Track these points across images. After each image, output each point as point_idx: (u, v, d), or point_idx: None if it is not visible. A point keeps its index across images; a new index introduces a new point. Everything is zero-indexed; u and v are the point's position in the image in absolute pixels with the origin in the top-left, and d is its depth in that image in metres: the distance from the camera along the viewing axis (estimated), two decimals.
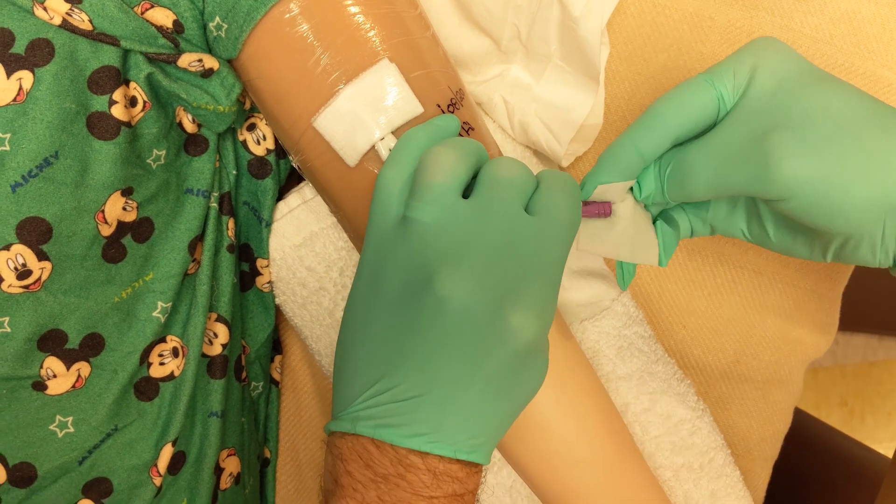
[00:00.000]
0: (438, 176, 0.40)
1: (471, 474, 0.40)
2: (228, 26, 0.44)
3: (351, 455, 0.39)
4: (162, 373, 0.51)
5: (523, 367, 0.39)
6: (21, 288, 0.44)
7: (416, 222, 0.39)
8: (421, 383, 0.38)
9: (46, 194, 0.43)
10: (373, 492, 0.39)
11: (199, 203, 0.50)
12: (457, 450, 0.38)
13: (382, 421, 0.38)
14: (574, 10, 0.51)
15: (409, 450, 0.38)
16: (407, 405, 0.38)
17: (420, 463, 0.38)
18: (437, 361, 0.38)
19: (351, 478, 0.39)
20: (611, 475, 0.50)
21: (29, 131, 0.42)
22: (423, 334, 0.38)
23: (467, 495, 0.40)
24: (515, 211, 0.40)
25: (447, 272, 0.38)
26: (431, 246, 0.39)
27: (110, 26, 0.42)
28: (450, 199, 0.40)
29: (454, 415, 0.38)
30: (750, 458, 0.64)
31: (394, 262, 0.40)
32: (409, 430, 0.38)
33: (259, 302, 0.59)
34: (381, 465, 0.38)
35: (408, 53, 0.45)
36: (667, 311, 0.63)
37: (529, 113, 0.55)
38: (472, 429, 0.38)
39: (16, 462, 0.47)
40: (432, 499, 0.39)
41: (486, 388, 0.38)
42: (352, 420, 0.39)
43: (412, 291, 0.39)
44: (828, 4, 0.58)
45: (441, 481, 0.38)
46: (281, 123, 0.47)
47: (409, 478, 0.38)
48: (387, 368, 0.39)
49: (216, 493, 0.55)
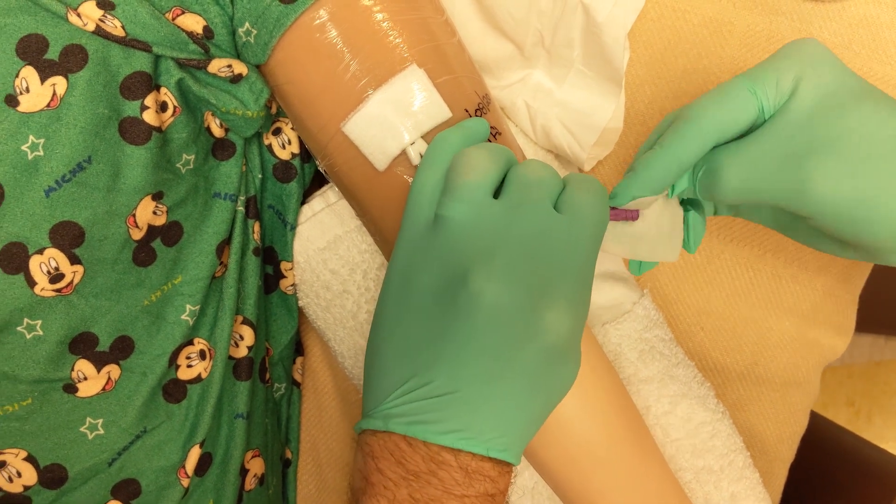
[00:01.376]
0: (470, 175, 0.40)
1: (502, 474, 0.39)
2: (258, 32, 0.45)
3: (382, 453, 0.39)
4: (189, 375, 0.51)
5: (556, 364, 0.39)
6: (54, 291, 0.44)
7: (448, 220, 0.40)
8: (453, 380, 0.38)
9: (79, 199, 0.43)
10: (404, 490, 0.38)
11: (227, 207, 0.51)
12: (489, 448, 0.38)
13: (415, 418, 0.38)
14: (598, 15, 0.51)
15: (441, 447, 0.38)
16: (439, 402, 0.38)
17: (452, 460, 0.38)
18: (470, 358, 0.38)
19: (382, 475, 0.39)
20: (633, 477, 0.50)
21: (63, 136, 0.42)
22: (455, 331, 0.38)
23: (498, 496, 0.40)
24: (545, 209, 0.40)
25: (480, 268, 0.38)
26: (463, 243, 0.39)
27: (142, 32, 0.43)
28: (481, 197, 0.40)
29: (487, 412, 0.38)
30: (767, 460, 0.65)
31: (425, 261, 0.40)
32: (441, 427, 0.38)
33: (283, 304, 0.59)
34: (412, 463, 0.38)
35: (435, 59, 0.46)
36: (685, 313, 0.64)
37: (552, 117, 0.56)
38: (504, 427, 0.38)
39: (47, 464, 0.47)
40: (464, 497, 0.38)
41: (519, 385, 0.38)
42: (383, 418, 0.39)
43: (444, 288, 0.39)
44: (846, 9, 0.59)
45: (473, 479, 0.38)
46: (309, 128, 0.48)
47: (441, 475, 0.38)
48: (419, 366, 0.39)
49: (241, 495, 0.55)
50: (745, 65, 0.60)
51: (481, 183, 0.40)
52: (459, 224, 0.40)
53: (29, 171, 0.42)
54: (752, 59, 0.60)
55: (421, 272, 0.40)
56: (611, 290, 0.58)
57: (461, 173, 0.41)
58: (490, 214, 0.40)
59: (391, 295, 0.42)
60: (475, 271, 0.38)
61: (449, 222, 0.40)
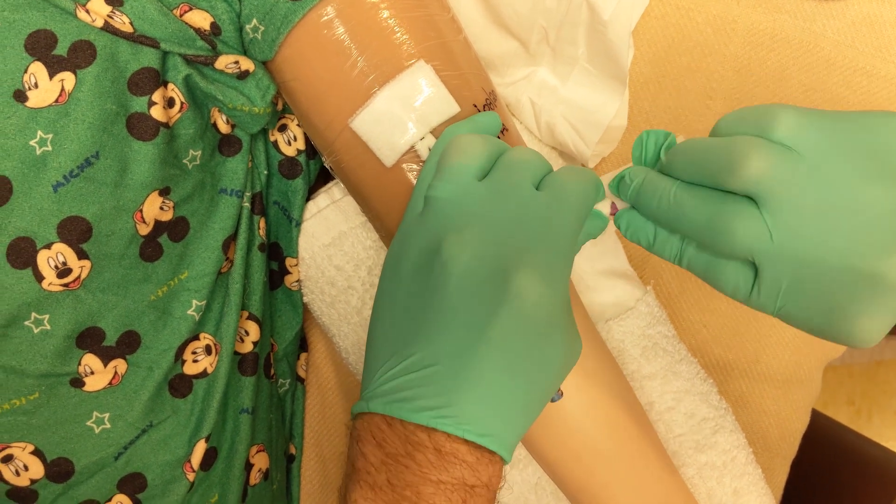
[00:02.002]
0: (458, 157, 0.41)
1: (482, 462, 0.37)
2: (265, 28, 0.45)
3: (366, 435, 0.38)
4: (195, 370, 0.51)
5: (534, 339, 0.37)
6: (61, 286, 0.44)
7: (434, 199, 0.40)
8: (429, 354, 0.36)
9: (87, 194, 0.43)
10: (383, 474, 0.37)
11: (233, 203, 0.51)
12: (466, 430, 0.36)
13: (393, 396, 0.37)
14: (603, 13, 0.51)
15: (416, 426, 0.36)
16: (416, 378, 0.36)
17: (427, 440, 0.36)
18: (443, 328, 0.36)
19: (365, 460, 0.38)
20: (637, 472, 0.51)
21: (71, 132, 0.42)
22: (431, 303, 0.37)
23: (479, 488, 0.37)
24: (525, 187, 0.40)
25: (452, 237, 0.38)
26: (444, 219, 0.39)
27: (151, 28, 0.43)
28: (466, 178, 0.40)
29: (463, 390, 0.36)
30: (769, 457, 0.65)
31: (413, 242, 0.40)
32: (417, 405, 0.36)
33: (287, 300, 0.60)
34: (391, 444, 0.37)
35: (442, 55, 0.46)
36: (688, 310, 0.64)
37: (556, 114, 0.56)
38: (487, 409, 0.36)
39: (54, 457, 0.48)
40: (440, 484, 0.36)
41: (493, 360, 0.36)
42: (368, 399, 0.38)
43: (424, 263, 0.38)
44: (850, 8, 0.59)
45: (447, 462, 0.36)
46: (315, 125, 0.48)
47: (417, 457, 0.36)
48: (401, 343, 0.38)
49: (246, 489, 0.56)
50: (748, 63, 0.60)
51: (468, 165, 0.40)
52: (444, 202, 0.40)
53: (37, 167, 0.42)
54: (755, 58, 0.60)
55: (408, 252, 0.40)
56: (614, 287, 0.58)
57: (451, 156, 0.41)
58: (472, 193, 0.40)
59: (383, 280, 0.41)
60: (448, 240, 0.38)
61: (434, 201, 0.40)
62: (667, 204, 0.39)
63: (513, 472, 0.57)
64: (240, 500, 0.55)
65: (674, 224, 0.39)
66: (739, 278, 0.38)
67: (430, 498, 0.36)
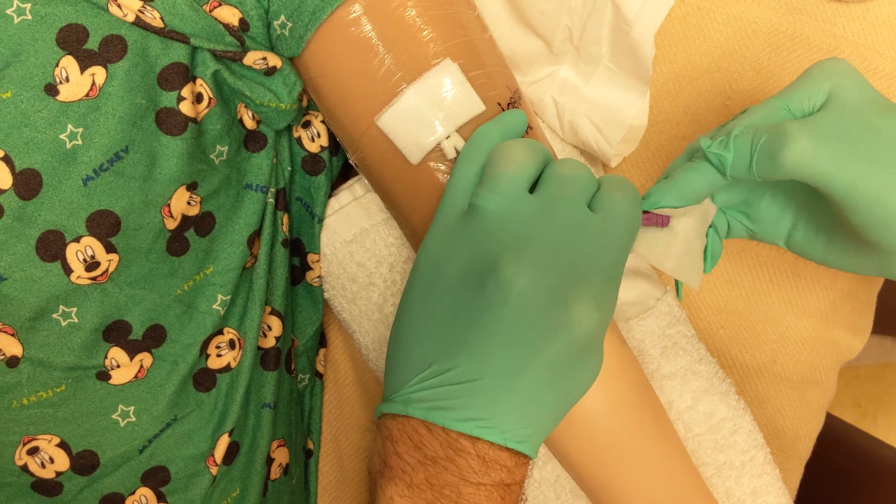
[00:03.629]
0: (508, 168, 0.41)
1: (519, 465, 0.40)
2: (293, 25, 0.45)
3: (401, 437, 0.39)
4: (219, 364, 0.52)
5: (579, 359, 0.39)
6: (89, 279, 0.45)
7: (482, 210, 0.40)
8: (476, 368, 0.38)
9: (116, 188, 0.44)
10: (421, 474, 0.39)
11: (258, 198, 0.51)
12: (507, 438, 0.38)
13: (435, 403, 0.38)
14: (628, 13, 0.51)
15: (459, 433, 0.38)
16: (460, 389, 0.38)
17: (470, 447, 0.38)
18: (495, 347, 0.38)
19: (400, 459, 0.39)
20: (657, 471, 0.51)
21: (101, 126, 0.42)
22: (481, 319, 0.38)
23: (514, 486, 0.40)
24: (579, 206, 0.41)
25: (511, 257, 0.39)
26: (495, 233, 0.40)
27: (181, 24, 0.43)
28: (517, 190, 0.41)
29: (508, 402, 0.38)
30: (785, 457, 0.65)
31: (456, 249, 0.41)
32: (461, 414, 0.38)
33: (308, 296, 0.60)
34: (430, 448, 0.39)
35: (468, 53, 0.46)
36: (705, 310, 0.64)
37: (579, 113, 0.56)
38: (524, 418, 0.38)
39: (79, 450, 0.48)
40: (480, 486, 0.39)
41: (541, 377, 0.38)
42: (404, 402, 0.39)
43: (473, 276, 0.39)
44: (871, 10, 0.59)
45: (490, 468, 0.38)
46: (341, 121, 0.48)
47: (459, 462, 0.38)
48: (442, 352, 0.39)
49: (267, 484, 0.56)
50: (768, 65, 0.60)
51: (518, 176, 0.41)
52: (494, 214, 0.40)
53: (67, 160, 0.42)
54: (775, 60, 0.60)
55: (451, 260, 0.41)
56: (635, 287, 0.58)
57: (499, 165, 0.41)
58: (525, 207, 0.40)
59: (419, 282, 0.42)
60: (506, 260, 0.38)
61: (484, 212, 0.40)
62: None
63: (532, 469, 0.57)
64: (261, 495, 0.55)
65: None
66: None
67: (470, 497, 0.39)
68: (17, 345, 0.45)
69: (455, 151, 0.45)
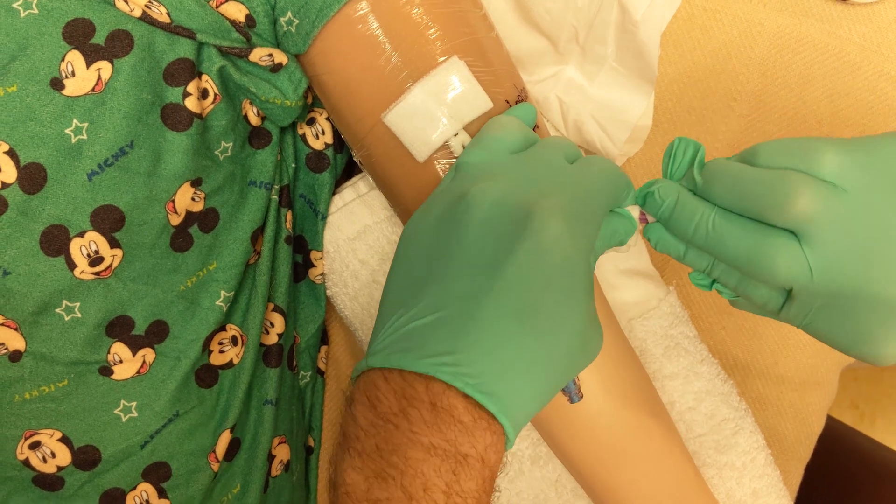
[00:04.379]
0: (495, 131, 0.42)
1: (478, 425, 0.33)
2: (300, 22, 0.45)
3: (360, 396, 0.35)
4: (222, 360, 0.52)
5: (549, 287, 0.34)
6: (93, 274, 0.45)
7: (464, 164, 0.41)
8: (439, 299, 0.34)
9: (121, 183, 0.44)
10: (372, 439, 0.33)
11: (262, 195, 0.51)
12: (467, 382, 0.32)
13: (395, 346, 0.34)
14: (635, 13, 0.51)
15: (415, 376, 0.33)
16: (421, 325, 0.34)
17: (423, 392, 0.33)
18: (457, 271, 0.35)
19: (355, 424, 0.34)
20: (658, 471, 0.51)
21: (106, 121, 0.42)
22: (448, 247, 0.36)
23: (473, 460, 0.33)
24: (557, 159, 0.40)
25: (479, 185, 0.37)
26: (472, 176, 0.39)
27: (187, 19, 0.43)
28: (499, 148, 0.41)
29: (470, 336, 0.33)
30: (785, 459, 0.65)
31: (436, 202, 0.39)
32: (419, 353, 0.33)
33: (311, 293, 0.60)
34: (385, 403, 0.33)
35: (474, 51, 0.46)
36: (707, 311, 0.64)
37: (584, 113, 0.56)
38: (492, 363, 0.33)
39: (81, 445, 0.48)
40: (431, 448, 0.32)
41: (505, 302, 0.33)
42: (368, 356, 0.35)
43: (446, 214, 0.37)
44: (877, 13, 0.59)
45: (441, 420, 0.32)
46: (347, 119, 0.48)
47: (410, 413, 0.33)
48: (409, 296, 0.36)
49: (268, 480, 0.56)
50: (773, 66, 0.60)
51: (503, 138, 0.41)
52: (473, 166, 0.40)
53: (72, 155, 0.42)
54: (781, 61, 0.60)
55: (430, 213, 0.39)
56: (637, 287, 0.58)
57: (488, 129, 0.42)
58: (504, 160, 0.40)
59: (400, 246, 0.40)
60: (474, 188, 0.37)
61: (465, 166, 0.41)
62: (704, 231, 0.38)
63: (533, 468, 0.57)
64: (261, 491, 0.55)
65: (711, 250, 0.39)
66: (771, 298, 0.39)
67: (417, 465, 0.32)
68: (20, 339, 0.45)
69: (462, 148, 0.45)
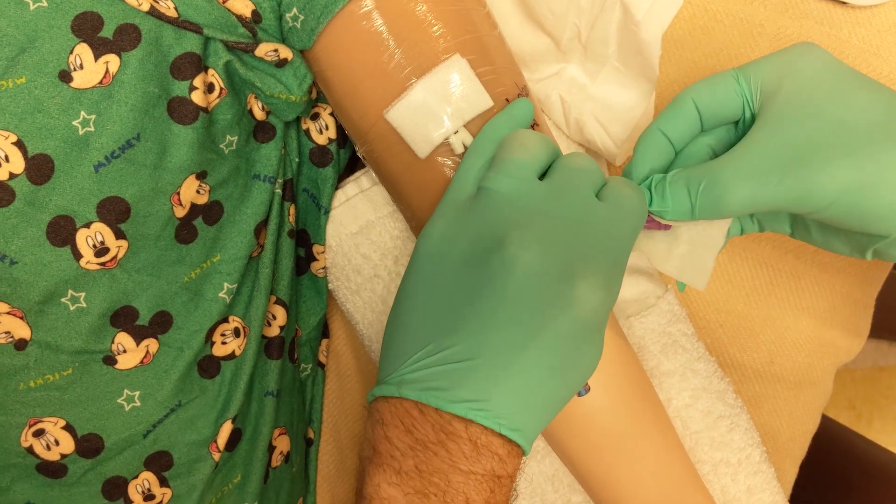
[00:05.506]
0: (519, 153, 0.42)
1: (511, 455, 0.38)
2: (305, 18, 0.46)
3: (393, 420, 0.38)
4: (224, 352, 0.52)
5: (582, 342, 0.38)
6: (98, 265, 0.45)
7: (492, 192, 0.41)
8: (474, 347, 0.37)
9: (127, 175, 0.44)
10: (411, 460, 0.37)
11: (266, 189, 0.52)
12: (502, 423, 0.36)
13: (429, 384, 0.37)
14: (637, 13, 0.52)
15: (452, 415, 0.36)
16: (457, 368, 0.37)
17: (463, 431, 0.36)
18: (496, 325, 0.37)
19: (390, 444, 0.38)
20: (655, 467, 0.51)
21: (114, 113, 0.43)
22: (483, 296, 0.37)
23: (505, 479, 0.38)
24: (587, 194, 0.41)
25: (516, 234, 0.38)
26: (503, 213, 0.40)
27: (195, 14, 0.43)
28: (527, 174, 0.41)
29: (504, 384, 0.36)
30: (780, 457, 0.66)
31: (462, 230, 0.40)
32: (455, 395, 0.36)
33: (312, 287, 0.60)
34: (422, 432, 0.37)
35: (477, 49, 0.47)
36: (705, 309, 0.65)
37: (585, 111, 0.57)
38: (521, 403, 0.37)
39: (84, 433, 0.48)
40: (470, 474, 0.37)
41: (542, 359, 0.37)
42: (398, 384, 0.38)
43: (478, 254, 0.39)
44: (876, 15, 0.59)
45: (481, 454, 0.37)
46: (350, 114, 0.49)
47: (450, 446, 0.36)
48: (440, 332, 0.38)
49: (268, 471, 0.57)
50: None
51: (529, 162, 0.41)
52: (503, 196, 0.40)
53: (79, 147, 0.43)
54: None
55: (456, 240, 0.40)
56: (636, 284, 0.59)
57: (511, 151, 0.42)
58: (533, 191, 0.41)
59: (420, 263, 0.41)
60: (511, 237, 0.38)
61: (493, 194, 0.41)
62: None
63: (531, 463, 0.57)
64: (262, 482, 0.55)
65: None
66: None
67: (459, 486, 0.37)
68: (25, 328, 0.45)
69: (463, 146, 0.45)
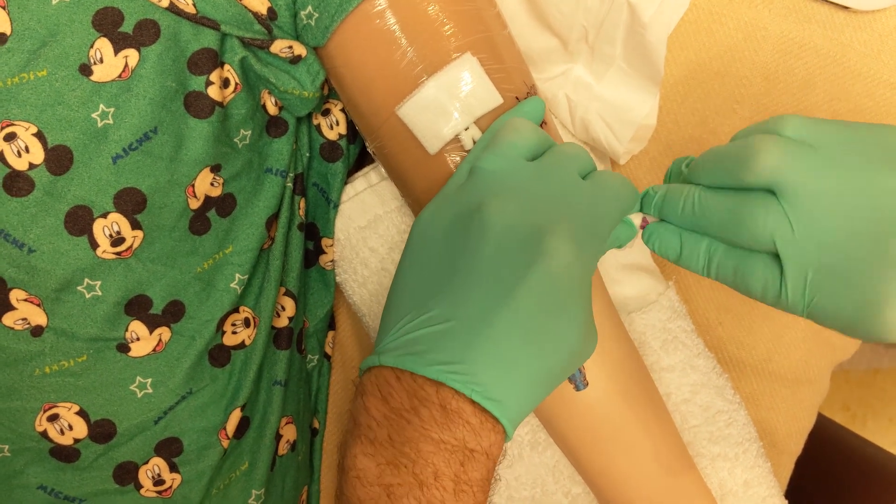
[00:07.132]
0: (511, 135, 0.43)
1: (485, 427, 0.36)
2: (319, 16, 0.47)
3: (372, 389, 0.38)
4: (234, 341, 0.53)
5: (553, 307, 0.37)
6: (114, 254, 0.46)
7: (480, 170, 0.42)
8: (450, 310, 0.37)
9: (144, 167, 0.45)
10: (385, 430, 0.36)
11: (277, 182, 0.53)
12: (474, 389, 0.35)
13: (406, 349, 0.37)
14: (643, 15, 0.53)
15: (425, 379, 0.36)
16: (432, 332, 0.37)
17: (433, 395, 0.36)
18: (470, 285, 0.37)
19: (368, 415, 0.37)
20: (654, 459, 0.52)
21: (132, 107, 0.44)
22: (461, 260, 0.38)
23: (479, 454, 0.36)
24: (572, 174, 0.42)
25: (495, 201, 0.39)
26: (487, 186, 0.41)
27: (212, 11, 0.44)
28: (516, 154, 0.42)
29: (478, 346, 0.36)
30: (776, 453, 0.67)
31: (450, 206, 0.41)
32: (430, 359, 0.36)
33: (320, 279, 0.61)
34: (397, 399, 0.36)
35: (487, 48, 0.48)
36: (704, 307, 0.66)
37: (591, 111, 0.58)
38: (494, 371, 0.36)
39: (97, 419, 0.49)
40: (440, 443, 0.36)
41: (515, 320, 0.36)
42: (379, 353, 0.38)
43: (459, 224, 0.40)
44: (878, 20, 0.60)
45: (451, 421, 0.35)
46: (362, 110, 0.50)
47: (422, 412, 0.36)
48: (422, 299, 0.38)
49: (275, 459, 0.58)
50: (776, 70, 0.62)
51: (520, 144, 0.43)
52: (489, 173, 0.42)
53: (98, 138, 0.44)
54: (784, 66, 0.61)
55: (443, 216, 0.41)
56: (638, 281, 0.60)
57: (504, 133, 0.43)
58: (520, 169, 0.42)
59: (410, 242, 0.42)
60: (490, 202, 0.39)
61: (481, 171, 0.42)
62: (690, 206, 0.41)
63: (532, 454, 0.58)
64: (268, 469, 0.56)
65: (699, 223, 0.41)
66: (768, 276, 0.39)
67: (429, 456, 0.36)
68: (42, 315, 0.46)
69: (472, 142, 0.46)
